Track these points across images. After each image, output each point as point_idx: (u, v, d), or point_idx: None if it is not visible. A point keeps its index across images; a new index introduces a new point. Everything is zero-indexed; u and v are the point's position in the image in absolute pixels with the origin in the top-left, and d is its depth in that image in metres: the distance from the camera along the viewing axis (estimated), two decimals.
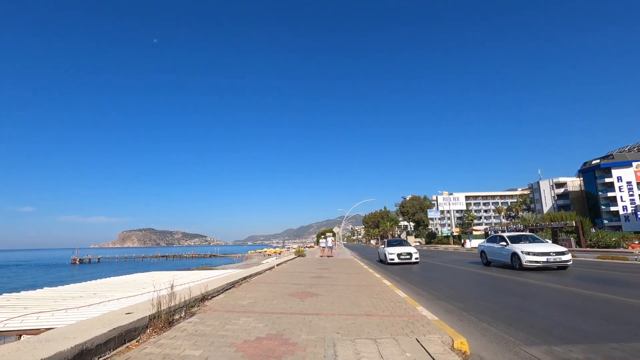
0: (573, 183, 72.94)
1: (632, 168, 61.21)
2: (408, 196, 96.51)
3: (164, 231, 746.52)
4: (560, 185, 74.10)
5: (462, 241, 46.70)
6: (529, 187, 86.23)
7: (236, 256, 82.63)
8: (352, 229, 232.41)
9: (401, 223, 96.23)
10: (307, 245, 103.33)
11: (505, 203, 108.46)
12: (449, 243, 51.86)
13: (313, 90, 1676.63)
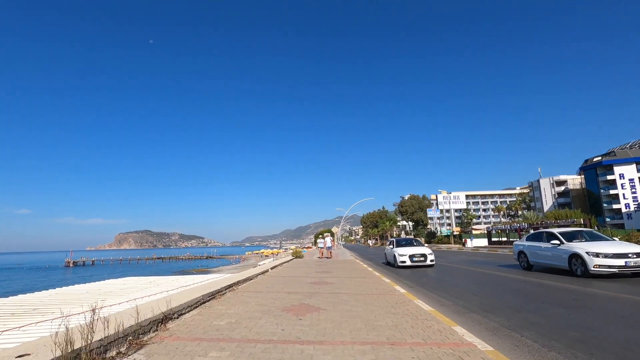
0: (574, 181, 71.99)
1: (635, 165, 60.24)
2: (407, 196, 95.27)
3: (161, 233, 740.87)
4: (560, 183, 73.07)
5: (463, 240, 45.44)
6: (529, 186, 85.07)
7: (233, 257, 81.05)
8: (350, 229, 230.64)
9: (400, 223, 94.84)
10: (305, 245, 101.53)
11: (504, 202, 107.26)
12: (450, 242, 50.53)
13: (310, 91, 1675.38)
